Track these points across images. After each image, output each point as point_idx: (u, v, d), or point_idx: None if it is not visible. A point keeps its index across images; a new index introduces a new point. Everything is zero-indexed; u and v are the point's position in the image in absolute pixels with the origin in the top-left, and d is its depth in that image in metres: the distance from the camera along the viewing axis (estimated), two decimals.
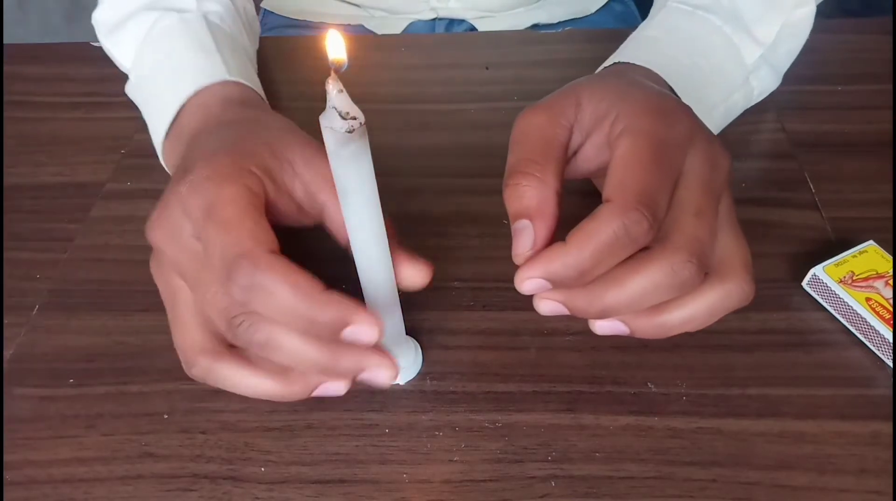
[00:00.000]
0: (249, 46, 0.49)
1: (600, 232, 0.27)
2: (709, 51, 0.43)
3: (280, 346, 0.28)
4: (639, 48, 0.42)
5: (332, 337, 0.28)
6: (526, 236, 0.29)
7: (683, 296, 0.29)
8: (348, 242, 0.30)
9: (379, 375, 0.30)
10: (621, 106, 0.30)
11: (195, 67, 0.41)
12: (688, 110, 0.32)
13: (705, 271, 0.28)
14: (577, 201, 0.32)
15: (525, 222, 0.29)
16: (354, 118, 0.27)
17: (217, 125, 0.36)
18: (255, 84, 0.43)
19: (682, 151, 0.29)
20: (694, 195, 0.29)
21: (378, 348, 0.29)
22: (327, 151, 0.27)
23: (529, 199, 0.29)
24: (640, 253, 0.28)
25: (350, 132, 0.27)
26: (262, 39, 0.55)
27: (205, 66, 0.41)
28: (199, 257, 0.29)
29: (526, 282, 0.29)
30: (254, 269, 0.27)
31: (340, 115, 0.27)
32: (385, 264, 0.31)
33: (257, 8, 0.76)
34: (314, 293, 0.28)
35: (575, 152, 0.32)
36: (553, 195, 0.29)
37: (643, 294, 0.28)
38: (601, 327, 0.30)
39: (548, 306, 0.30)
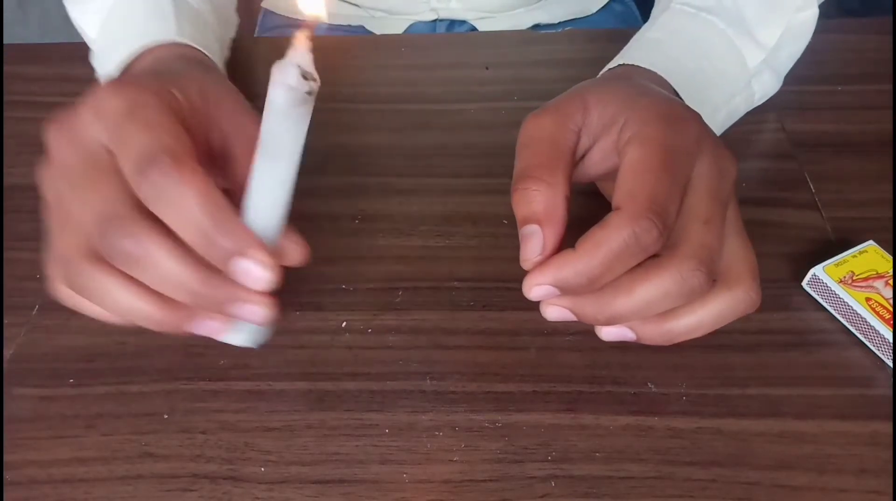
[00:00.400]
0: (216, 25, 0.48)
1: (611, 240, 0.27)
2: (712, 53, 0.43)
3: (155, 262, 0.27)
4: (642, 50, 0.42)
5: (220, 262, 0.27)
6: (535, 241, 0.29)
7: (691, 303, 0.29)
8: (238, 204, 0.29)
9: (255, 313, 0.28)
10: (630, 112, 0.30)
11: (147, 29, 0.41)
12: (696, 116, 0.31)
13: (713, 279, 0.28)
14: (583, 201, 0.32)
15: (534, 227, 0.29)
16: (315, 80, 0.26)
17: (154, 63, 0.35)
18: (211, 52, 0.43)
19: (691, 157, 0.29)
20: (703, 203, 0.29)
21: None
22: (270, 108, 0.26)
23: (538, 204, 0.29)
24: (650, 260, 0.28)
25: (309, 94, 0.26)
26: (260, 40, 0.55)
27: (158, 28, 0.41)
28: (99, 164, 0.28)
29: (534, 288, 0.29)
30: (173, 169, 0.26)
31: (303, 74, 0.26)
32: (277, 233, 0.29)
33: (257, 8, 0.75)
34: (225, 214, 0.27)
35: (581, 157, 0.32)
36: (562, 200, 0.29)
37: (652, 302, 0.28)
38: (608, 333, 0.30)
39: (555, 312, 0.30)
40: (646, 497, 0.31)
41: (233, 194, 0.30)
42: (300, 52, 0.26)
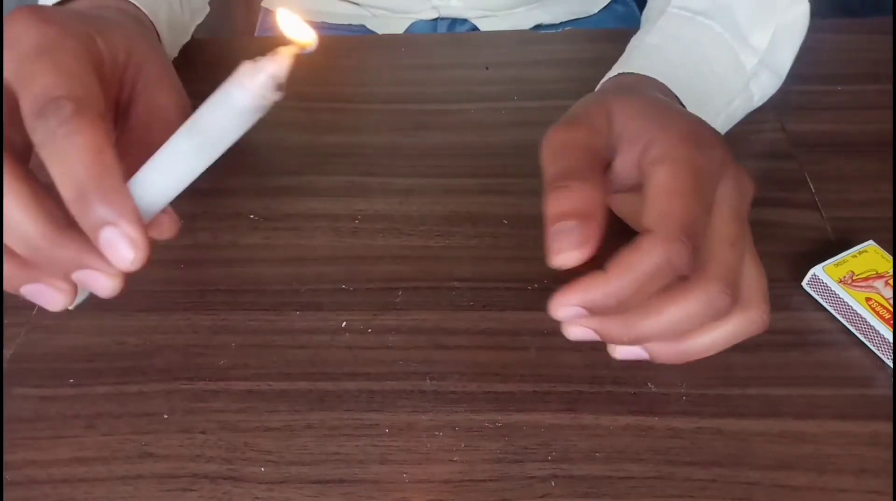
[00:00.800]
0: (175, 1, 0.47)
1: (643, 263, 0.26)
2: (711, 58, 0.43)
3: (8, 204, 0.25)
4: (643, 58, 0.42)
5: (90, 228, 0.25)
6: (571, 236, 0.27)
7: (710, 323, 0.29)
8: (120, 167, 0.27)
9: (98, 281, 0.27)
10: (656, 131, 0.30)
11: None
12: (719, 137, 0.31)
13: (736, 300, 0.28)
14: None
15: (570, 223, 0.27)
16: (281, 93, 0.26)
17: (90, 5, 0.34)
18: (156, 21, 0.41)
19: (716, 179, 0.29)
20: (728, 224, 0.29)
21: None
22: (223, 102, 0.26)
23: (580, 200, 0.27)
24: (677, 282, 0.28)
25: (270, 104, 0.26)
26: (261, 40, 0.55)
27: None
28: None
29: (562, 309, 0.28)
30: (73, 117, 0.25)
31: (276, 84, 0.25)
32: (156, 214, 0.29)
33: (257, 7, 0.75)
34: (112, 179, 0.25)
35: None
36: (603, 201, 0.28)
37: (678, 323, 0.28)
38: (622, 352, 0.30)
39: (579, 332, 0.29)
40: (646, 497, 0.31)
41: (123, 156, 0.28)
42: (279, 63, 0.25)
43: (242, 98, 0.25)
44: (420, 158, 0.46)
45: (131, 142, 0.30)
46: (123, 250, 0.26)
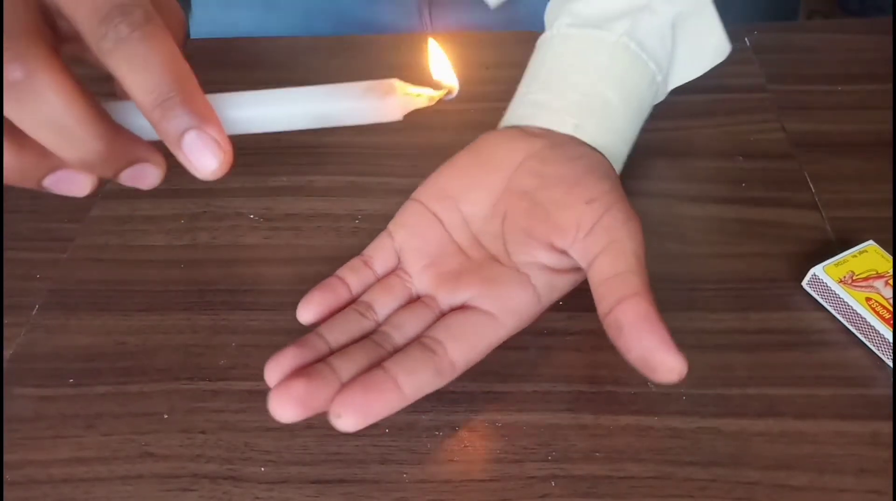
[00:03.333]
0: None
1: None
2: (645, 110, 0.42)
3: (44, 98, 0.23)
4: (600, 122, 0.39)
5: (175, 129, 0.24)
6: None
7: None
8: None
9: (149, 173, 0.26)
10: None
11: None
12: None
13: None
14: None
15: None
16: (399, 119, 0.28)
17: None
18: None
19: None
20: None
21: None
22: (359, 98, 0.27)
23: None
24: None
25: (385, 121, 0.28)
26: (263, 40, 0.55)
27: None
28: None
29: None
30: (145, 21, 0.24)
31: (403, 113, 0.28)
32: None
33: None
34: (192, 80, 0.25)
35: None
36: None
37: None
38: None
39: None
40: (646, 497, 0.31)
41: None
42: (419, 100, 0.28)
43: (372, 106, 0.27)
44: (420, 159, 0.46)
45: None
46: (209, 154, 0.25)
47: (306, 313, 0.34)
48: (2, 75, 0.23)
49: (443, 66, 0.30)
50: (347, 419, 0.29)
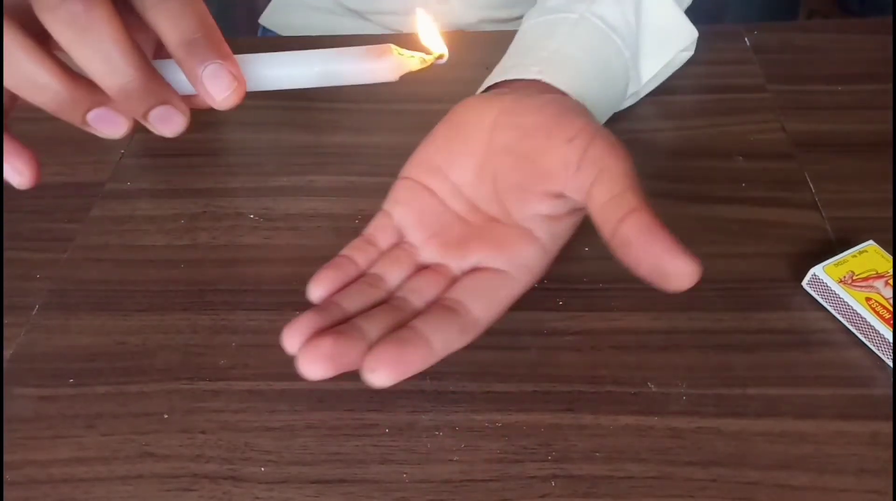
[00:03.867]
0: None
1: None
2: (616, 81, 0.44)
3: (98, 33, 0.26)
4: (562, 69, 0.41)
5: (199, 59, 0.27)
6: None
7: None
8: None
9: (175, 118, 0.28)
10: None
11: None
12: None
13: None
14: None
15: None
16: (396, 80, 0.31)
17: None
18: None
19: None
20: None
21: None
22: (358, 60, 0.30)
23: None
24: None
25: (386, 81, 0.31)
26: (263, 40, 0.55)
27: None
28: None
29: None
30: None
31: (400, 74, 0.30)
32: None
33: (255, 25, 0.75)
34: (218, 31, 0.28)
35: None
36: None
37: None
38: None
39: None
40: (646, 497, 0.31)
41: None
42: (414, 62, 0.31)
43: (370, 67, 0.30)
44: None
45: None
46: (225, 84, 0.28)
47: (318, 289, 0.33)
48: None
49: (431, 34, 0.32)
50: (381, 373, 0.29)
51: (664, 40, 0.47)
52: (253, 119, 0.49)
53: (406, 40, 0.32)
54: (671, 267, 0.28)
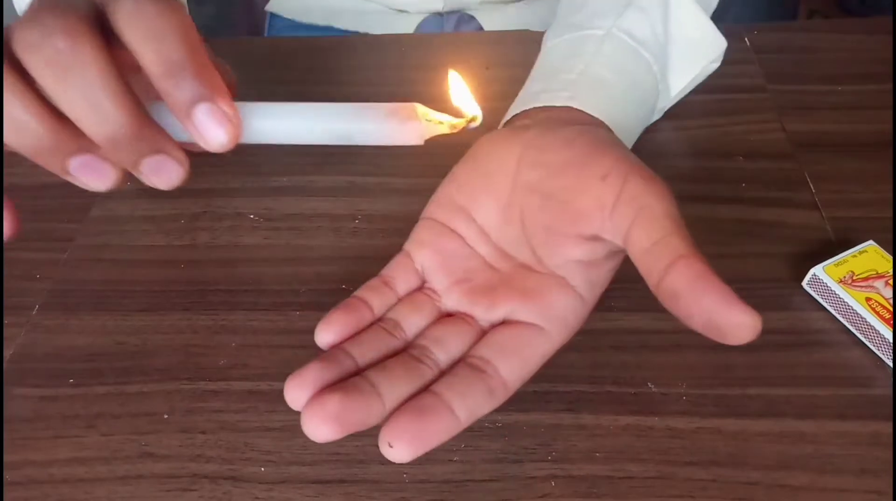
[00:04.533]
0: None
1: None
2: (646, 99, 0.43)
3: (83, 73, 0.24)
4: (591, 92, 0.39)
5: (185, 101, 0.25)
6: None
7: None
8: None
9: (172, 168, 0.26)
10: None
11: None
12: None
13: None
14: None
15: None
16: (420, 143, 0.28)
17: None
18: None
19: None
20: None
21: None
22: (378, 118, 0.28)
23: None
24: None
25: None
26: (264, 41, 0.55)
27: None
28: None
29: None
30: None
31: (422, 138, 0.28)
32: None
33: (262, 12, 0.76)
34: (204, 52, 0.25)
35: None
36: None
37: None
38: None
39: None
40: (646, 497, 0.31)
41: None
42: (438, 127, 0.28)
43: (393, 129, 0.27)
44: (420, 158, 0.46)
45: None
46: (220, 127, 0.25)
47: (326, 334, 0.30)
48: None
49: (464, 95, 0.29)
50: (401, 449, 0.26)
51: (693, 52, 0.45)
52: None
53: (413, 40, 0.31)
54: (728, 320, 0.25)
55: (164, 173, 0.27)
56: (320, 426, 0.26)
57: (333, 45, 0.56)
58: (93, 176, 0.27)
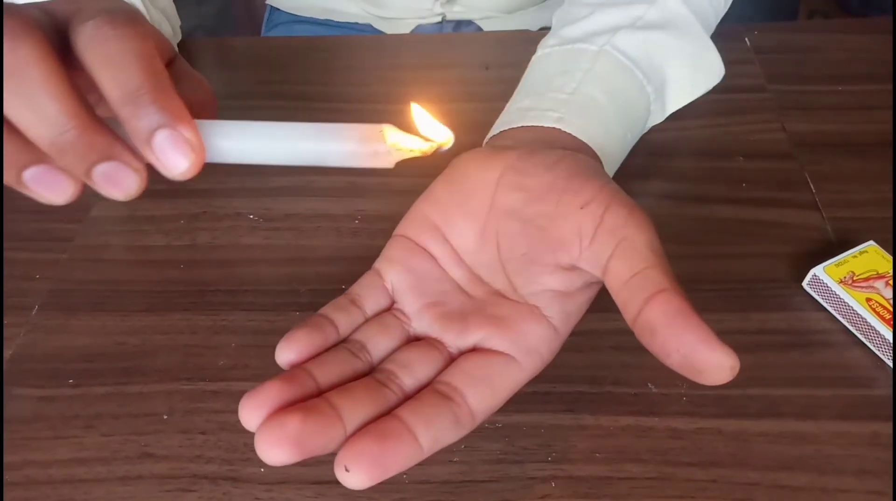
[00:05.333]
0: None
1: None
2: (635, 120, 0.42)
3: (31, 83, 0.23)
4: (580, 113, 0.38)
5: (143, 128, 0.24)
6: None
7: None
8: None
9: (126, 177, 0.25)
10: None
11: None
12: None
13: None
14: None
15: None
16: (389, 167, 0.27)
17: None
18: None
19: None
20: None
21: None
22: (341, 138, 0.26)
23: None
24: None
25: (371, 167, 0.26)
26: (261, 40, 0.55)
27: None
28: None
29: None
30: (127, 23, 0.24)
31: (390, 161, 0.27)
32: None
33: (264, 4, 0.76)
34: (166, 79, 0.24)
35: None
36: None
37: None
38: None
39: None
40: (646, 498, 0.31)
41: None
42: (407, 150, 0.26)
43: (362, 151, 0.26)
44: (420, 158, 0.46)
45: None
46: (179, 154, 0.24)
47: (288, 352, 0.28)
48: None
49: (430, 124, 0.28)
50: (358, 475, 0.25)
51: (693, 75, 0.45)
52: (253, 119, 0.49)
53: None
54: (705, 360, 0.25)
55: (118, 182, 0.25)
56: (275, 448, 0.24)
57: (332, 45, 0.56)
58: (47, 188, 0.25)
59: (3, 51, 0.23)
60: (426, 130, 0.28)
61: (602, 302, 0.39)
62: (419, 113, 0.28)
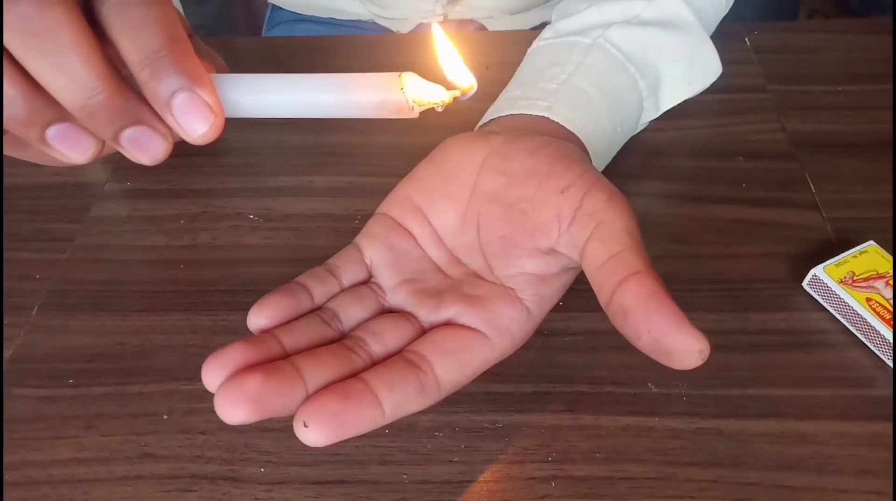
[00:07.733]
0: None
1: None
2: (626, 116, 0.42)
3: (60, 44, 0.22)
4: (571, 107, 0.38)
5: (163, 91, 0.23)
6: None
7: None
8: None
9: (152, 141, 0.25)
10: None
11: None
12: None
13: None
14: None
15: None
16: (414, 115, 0.27)
17: None
18: None
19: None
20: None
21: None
22: (362, 89, 0.26)
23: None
24: None
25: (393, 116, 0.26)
26: (263, 40, 0.55)
27: None
28: None
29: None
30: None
31: (411, 108, 0.26)
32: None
33: (264, 4, 0.76)
34: (186, 42, 0.24)
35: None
36: None
37: None
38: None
39: None
40: (646, 498, 0.31)
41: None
42: (429, 95, 0.26)
43: (383, 100, 0.26)
44: (420, 159, 0.46)
45: None
46: (200, 118, 0.24)
47: (259, 318, 0.28)
48: None
49: (454, 63, 0.28)
50: (315, 431, 0.25)
51: (689, 73, 0.44)
52: (253, 119, 0.49)
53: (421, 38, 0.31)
54: (675, 344, 0.25)
55: (145, 146, 0.25)
56: (234, 407, 0.24)
57: (333, 44, 0.56)
58: (70, 146, 0.25)
59: (32, 13, 0.22)
60: (449, 72, 0.28)
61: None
62: (443, 46, 0.28)
